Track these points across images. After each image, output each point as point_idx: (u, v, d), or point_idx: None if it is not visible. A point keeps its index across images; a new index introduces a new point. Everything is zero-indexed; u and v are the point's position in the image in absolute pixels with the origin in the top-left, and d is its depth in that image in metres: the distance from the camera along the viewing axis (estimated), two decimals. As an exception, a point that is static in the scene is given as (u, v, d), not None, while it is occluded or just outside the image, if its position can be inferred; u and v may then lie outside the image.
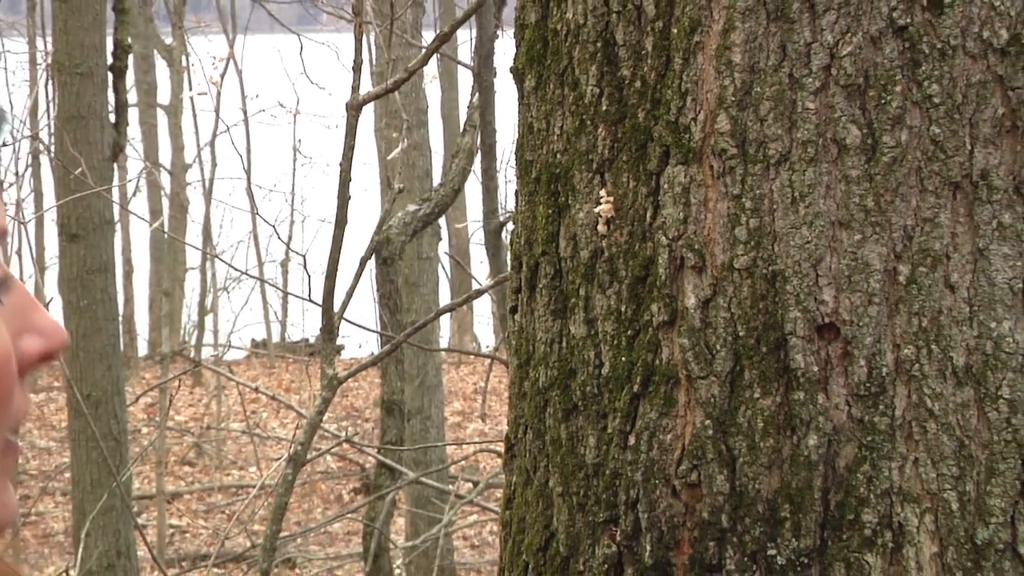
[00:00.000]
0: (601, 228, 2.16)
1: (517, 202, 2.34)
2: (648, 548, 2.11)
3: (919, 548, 2.05)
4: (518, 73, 2.31)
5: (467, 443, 13.11)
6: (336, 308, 5.69)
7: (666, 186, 2.10)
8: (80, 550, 7.84)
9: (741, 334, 2.06)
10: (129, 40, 8.43)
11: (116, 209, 9.88)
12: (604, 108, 2.15)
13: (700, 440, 2.08)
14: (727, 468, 2.07)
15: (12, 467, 1.09)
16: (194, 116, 18.70)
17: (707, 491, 2.08)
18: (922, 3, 2.02)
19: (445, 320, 17.21)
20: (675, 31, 2.09)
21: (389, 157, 10.37)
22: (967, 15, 2.03)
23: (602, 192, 2.15)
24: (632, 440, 2.13)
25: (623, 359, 2.14)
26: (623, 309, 2.14)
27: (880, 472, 2.04)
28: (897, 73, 2.03)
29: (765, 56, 2.04)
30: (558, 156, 2.22)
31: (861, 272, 2.04)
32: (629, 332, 2.13)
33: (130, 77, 10.77)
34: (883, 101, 2.03)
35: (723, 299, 2.07)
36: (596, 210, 2.16)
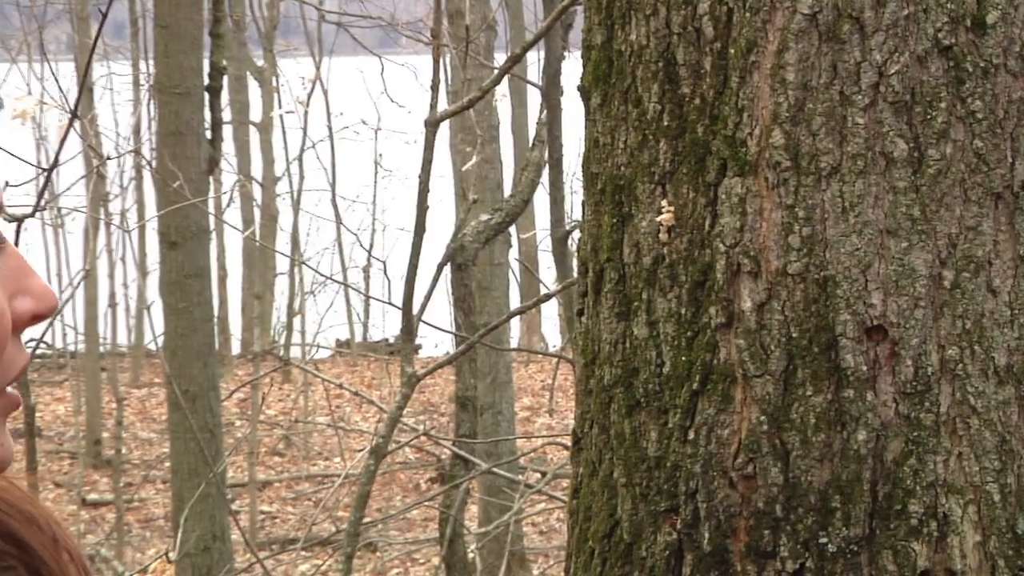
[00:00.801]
0: (662, 236, 2.15)
1: (583, 212, 2.34)
2: (707, 536, 2.10)
3: (963, 537, 2.03)
4: (585, 91, 2.31)
5: (535, 436, 13.11)
6: (415, 310, 5.70)
7: (723, 197, 2.09)
8: (179, 534, 7.89)
9: (794, 335, 2.05)
10: (224, 62, 8.47)
11: (212, 219, 9.94)
12: (665, 123, 2.14)
13: (755, 435, 2.07)
14: (781, 461, 2.06)
15: (6, 417, 1.10)
16: (283, 133, 18.79)
17: (762, 482, 2.07)
18: (966, 24, 2.01)
19: (515, 321, 17.22)
20: (732, 51, 2.08)
21: (463, 169, 10.38)
22: (1008, 36, 2.01)
23: (663, 202, 2.14)
24: (691, 435, 2.12)
25: (683, 359, 2.13)
26: (683, 312, 2.13)
27: (926, 465, 2.03)
28: (942, 90, 2.01)
29: (817, 74, 2.03)
30: (622, 169, 2.21)
31: (908, 277, 2.02)
32: (689, 333, 2.12)
33: (225, 96, 10.83)
34: (929, 116, 2.01)
35: (777, 303, 2.06)
36: (658, 219, 2.15)
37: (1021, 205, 2.03)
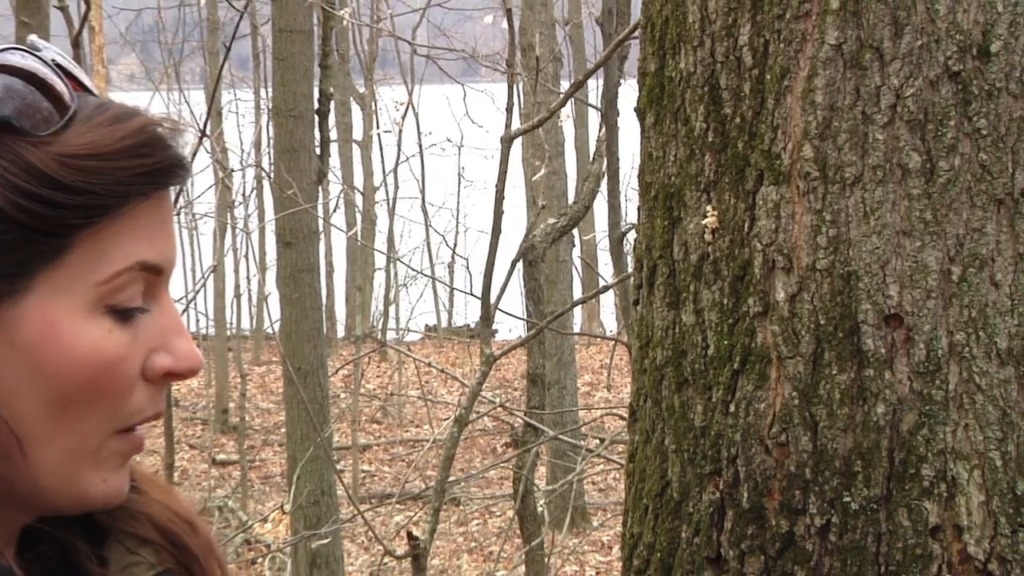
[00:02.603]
0: (707, 237, 2.13)
1: (639, 216, 2.33)
2: (745, 495, 2.08)
3: (969, 497, 2.00)
4: (640, 112, 2.29)
5: (595, 408, 13.10)
6: (492, 300, 5.70)
7: (761, 203, 2.06)
8: (292, 489, 7.94)
9: (822, 322, 2.03)
10: (331, 90, 8.50)
11: (320, 222, 9.99)
12: (710, 139, 2.12)
13: (788, 408, 2.05)
14: (810, 431, 2.04)
15: (127, 457, 1.07)
16: (381, 149, 18.87)
17: (794, 449, 2.05)
18: (972, 53, 1.97)
19: (577, 309, 17.21)
20: (768, 77, 2.06)
21: (533, 180, 10.38)
22: (1010, 63, 1.98)
23: (708, 208, 2.12)
24: (732, 408, 2.10)
25: (725, 342, 2.11)
26: (725, 302, 2.11)
27: (936, 435, 2.00)
28: (951, 110, 1.98)
29: (842, 97, 2.01)
30: (672, 178, 2.19)
31: (921, 272, 1.99)
32: (730, 320, 2.10)
33: (331, 118, 10.88)
34: (940, 133, 1.98)
35: (807, 294, 2.04)
36: (703, 222, 2.13)
37: (1021, 210, 2.00)
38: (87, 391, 1.01)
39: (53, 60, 1.05)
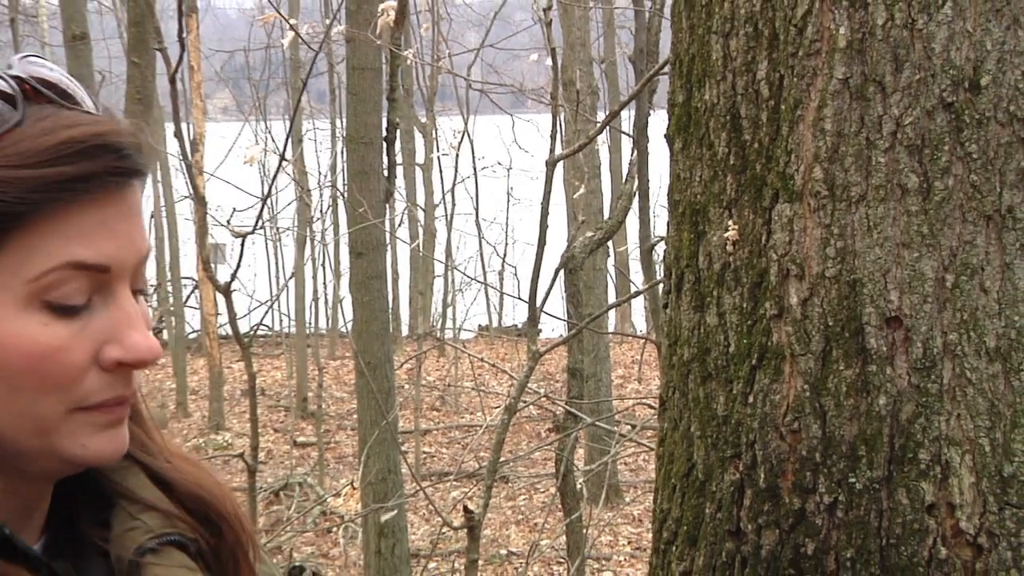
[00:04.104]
0: (729, 248, 2.11)
1: (668, 230, 2.31)
2: (762, 476, 2.07)
3: (961, 479, 1.97)
4: (670, 138, 2.28)
5: (627, 398, 13.06)
6: (537, 303, 5.69)
7: (776, 218, 2.05)
8: (362, 468, 7.96)
9: (830, 324, 2.01)
10: (397, 119, 8.53)
11: (387, 235, 10.02)
12: (731, 162, 2.11)
13: (800, 400, 2.03)
14: (820, 419, 2.02)
15: (104, 427, 1.03)
16: (440, 171, 18.91)
17: (805, 436, 2.03)
18: (964, 86, 1.95)
19: (612, 311, 17.17)
20: (783, 107, 2.04)
21: (574, 198, 10.37)
22: (998, 95, 1.96)
23: (730, 222, 2.11)
24: (751, 399, 2.08)
25: (744, 341, 2.09)
26: (744, 305, 2.10)
27: (932, 424, 1.98)
28: (946, 136, 1.96)
29: (848, 125, 1.99)
30: (698, 197, 2.18)
31: (918, 280, 1.97)
32: (749, 322, 2.09)
33: (397, 145, 10.91)
34: (935, 157, 1.96)
35: (817, 299, 2.02)
36: (725, 235, 2.11)
37: (1007, 225, 1.97)
38: (30, 377, 0.99)
39: (14, 76, 1.02)
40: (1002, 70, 1.96)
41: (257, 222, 4.91)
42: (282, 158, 5.33)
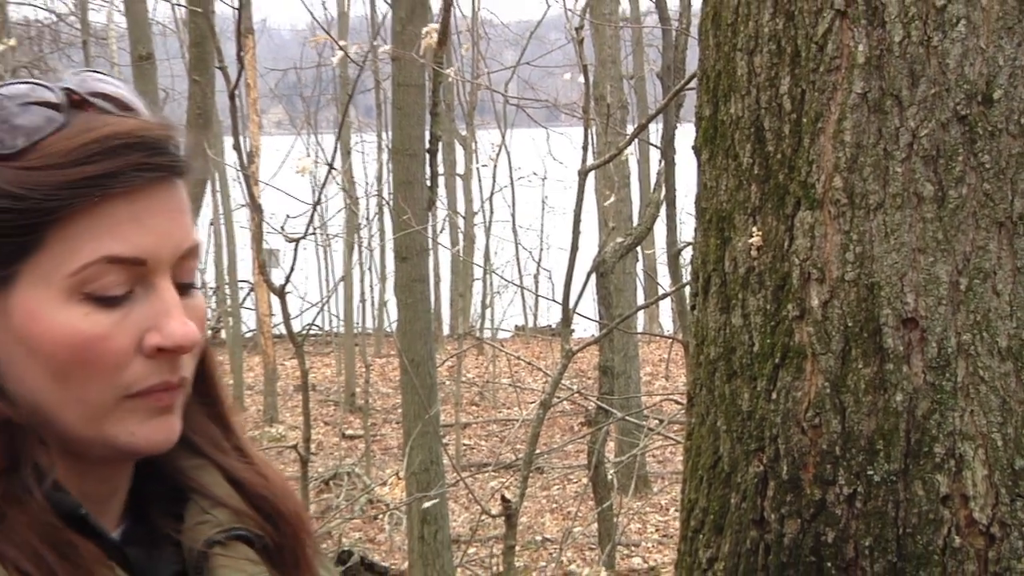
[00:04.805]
0: (753, 253, 2.10)
1: (695, 236, 2.30)
2: (785, 468, 2.05)
3: (974, 471, 1.95)
4: (697, 150, 2.27)
5: (655, 394, 13.02)
6: (571, 305, 5.68)
7: (798, 225, 2.03)
8: (406, 459, 7.97)
9: (849, 324, 1.99)
10: (439, 132, 8.54)
11: (430, 241, 10.03)
12: (755, 172, 2.10)
13: (821, 396, 2.02)
14: (839, 415, 2.00)
15: (153, 413, 1.02)
16: (479, 180, 18.93)
17: (825, 431, 2.01)
18: (977, 99, 1.93)
19: (640, 313, 17.13)
20: (804, 120, 2.03)
21: (604, 206, 10.34)
22: (1010, 108, 1.94)
23: (754, 229, 2.10)
24: (774, 396, 2.07)
25: (768, 341, 2.08)
26: (768, 307, 2.08)
27: (946, 419, 1.96)
28: (960, 148, 1.94)
29: (867, 137, 1.97)
30: (724, 205, 2.17)
31: (933, 283, 1.95)
32: (772, 323, 2.07)
33: (439, 156, 10.92)
34: (950, 167, 1.94)
35: (837, 301, 2.00)
36: (750, 241, 2.10)
37: (1018, 231, 1.96)
38: (76, 365, 0.99)
39: (65, 87, 1.03)
40: (1013, 85, 1.94)
41: (307, 228, 4.93)
42: (330, 167, 5.36)
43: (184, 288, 1.05)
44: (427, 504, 7.78)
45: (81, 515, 1.01)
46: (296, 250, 4.86)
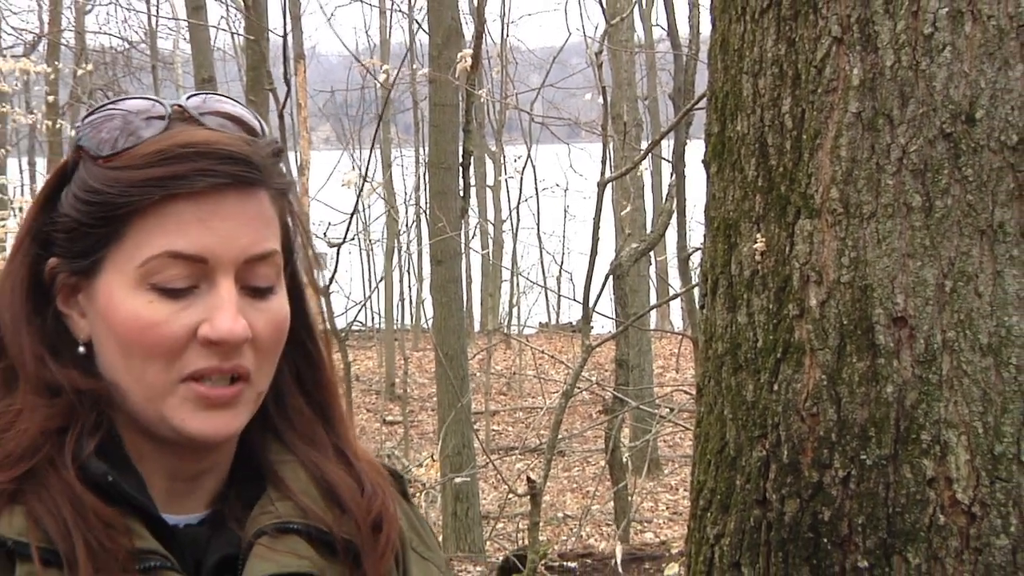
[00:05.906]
0: (757, 257, 2.10)
1: (704, 242, 2.30)
2: (786, 453, 2.05)
3: (957, 456, 1.94)
4: (706, 163, 2.27)
5: (666, 385, 12.99)
6: (590, 304, 5.68)
7: (798, 232, 2.03)
8: (440, 443, 7.99)
9: (845, 323, 1.99)
10: (471, 148, 8.57)
11: (462, 246, 10.05)
12: (759, 184, 2.09)
13: (819, 388, 2.01)
14: (835, 405, 2.00)
15: (203, 406, 1.02)
16: (507, 191, 18.94)
17: (822, 419, 2.01)
18: (961, 119, 1.92)
19: (653, 311, 17.09)
20: (804, 137, 2.03)
21: (621, 215, 10.33)
22: (991, 126, 1.93)
23: (758, 236, 2.10)
24: (776, 387, 2.07)
25: (770, 337, 2.08)
26: (770, 307, 2.08)
27: (932, 409, 1.95)
28: (945, 162, 1.93)
29: (861, 152, 1.97)
30: (731, 213, 2.16)
31: (921, 285, 1.95)
32: (774, 321, 2.07)
33: (471, 169, 10.94)
34: (936, 179, 1.94)
35: (833, 301, 2.00)
36: (754, 247, 2.10)
37: (998, 238, 1.94)
38: (137, 345, 1.01)
39: (177, 104, 1.05)
40: (995, 105, 1.93)
41: (346, 234, 4.95)
42: (363, 179, 5.38)
43: (259, 291, 1.04)
44: (459, 483, 7.79)
45: (109, 482, 1.00)
46: (339, 254, 4.88)
